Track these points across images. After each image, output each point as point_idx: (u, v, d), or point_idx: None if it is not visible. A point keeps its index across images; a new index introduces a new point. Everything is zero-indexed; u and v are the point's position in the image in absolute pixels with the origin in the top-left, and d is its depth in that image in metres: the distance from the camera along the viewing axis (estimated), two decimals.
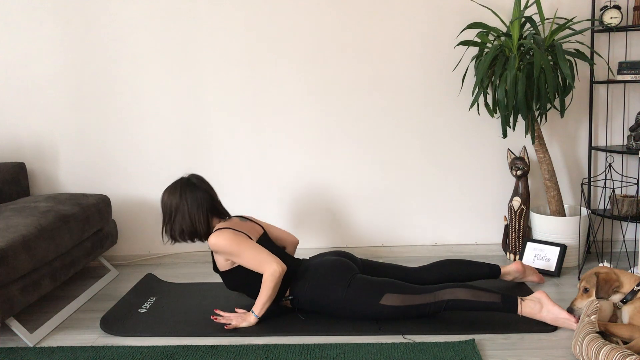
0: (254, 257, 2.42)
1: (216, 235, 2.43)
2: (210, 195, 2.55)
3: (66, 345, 2.38)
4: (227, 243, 2.41)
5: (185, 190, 2.50)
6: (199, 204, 2.49)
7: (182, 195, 2.49)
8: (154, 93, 3.30)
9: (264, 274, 2.42)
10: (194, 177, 2.57)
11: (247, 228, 2.56)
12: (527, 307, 2.35)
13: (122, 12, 3.23)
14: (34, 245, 2.40)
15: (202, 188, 2.53)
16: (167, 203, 2.51)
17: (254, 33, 3.23)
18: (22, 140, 3.36)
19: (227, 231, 2.44)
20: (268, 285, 2.41)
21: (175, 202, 2.49)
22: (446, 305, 2.37)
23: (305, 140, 3.32)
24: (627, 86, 3.20)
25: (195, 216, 2.49)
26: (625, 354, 1.85)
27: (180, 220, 2.49)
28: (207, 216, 2.51)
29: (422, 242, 3.40)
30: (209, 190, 2.55)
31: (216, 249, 2.44)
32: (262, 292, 2.43)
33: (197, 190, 2.51)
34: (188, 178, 2.56)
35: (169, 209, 2.51)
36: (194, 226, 2.49)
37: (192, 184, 2.53)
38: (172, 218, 2.50)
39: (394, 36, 3.21)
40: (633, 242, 3.30)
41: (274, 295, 2.45)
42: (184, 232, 2.50)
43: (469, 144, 3.29)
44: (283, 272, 2.42)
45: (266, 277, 2.41)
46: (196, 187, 2.52)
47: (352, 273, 2.48)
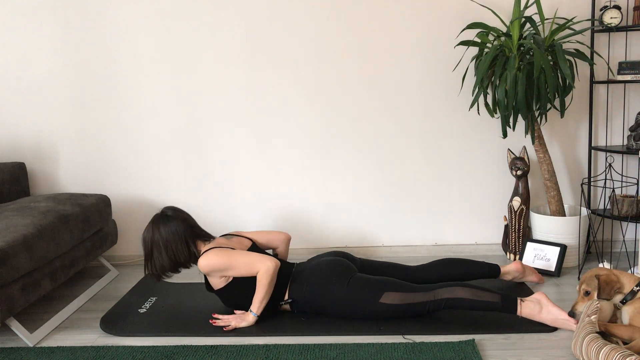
0: (245, 263, 2.43)
1: (204, 257, 2.44)
2: (187, 223, 2.54)
3: (66, 345, 2.38)
4: (216, 260, 2.42)
5: (159, 225, 2.51)
6: (174, 235, 2.50)
7: (155, 231, 2.51)
8: (154, 93, 3.30)
9: (258, 273, 2.42)
10: (168, 209, 2.58)
11: (233, 244, 2.58)
12: (526, 308, 2.35)
13: (122, 12, 3.23)
14: (34, 245, 2.40)
15: (178, 218, 2.53)
16: (144, 241, 2.53)
17: (254, 34, 3.23)
18: (22, 140, 3.36)
19: (213, 250, 2.46)
20: (263, 282, 2.41)
21: (150, 237, 2.51)
22: (445, 304, 2.37)
23: (305, 140, 3.32)
24: (627, 86, 3.20)
25: (172, 248, 2.50)
26: (625, 354, 1.85)
27: (159, 256, 2.50)
28: (186, 244, 2.52)
29: (422, 242, 3.40)
30: (185, 219, 2.55)
31: (208, 270, 2.44)
32: (258, 290, 2.43)
33: (170, 222, 2.51)
34: (161, 212, 2.57)
35: (146, 247, 2.53)
36: (173, 259, 2.50)
37: (166, 216, 2.53)
38: (151, 255, 2.52)
39: (394, 36, 3.21)
40: (633, 242, 3.30)
41: (270, 291, 2.45)
42: (165, 267, 2.51)
43: (469, 144, 3.29)
44: (277, 268, 2.43)
45: (260, 275, 2.41)
46: (170, 218, 2.52)
47: (351, 272, 2.49)
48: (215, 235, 3.41)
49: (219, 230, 3.41)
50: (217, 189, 3.37)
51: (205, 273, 2.48)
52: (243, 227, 3.40)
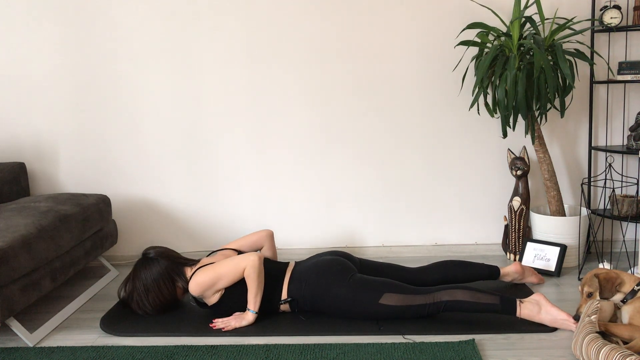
0: (230, 268, 2.45)
1: (192, 280, 2.47)
2: (168, 258, 2.58)
3: (66, 345, 2.38)
4: (204, 278, 2.44)
5: (136, 272, 2.57)
6: (154, 276, 2.54)
7: (134, 279, 2.56)
8: (154, 93, 3.30)
9: (244, 270, 2.44)
10: (148, 250, 2.61)
11: (217, 259, 2.61)
12: (525, 309, 2.35)
13: (122, 12, 3.23)
14: (34, 245, 2.40)
15: (154, 256, 2.57)
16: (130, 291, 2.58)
17: (253, 35, 3.23)
18: (22, 140, 3.36)
19: (198, 271, 2.49)
20: (252, 277, 2.43)
21: (130, 288, 2.58)
22: (445, 306, 2.37)
23: (305, 141, 3.32)
24: (627, 86, 3.20)
25: (154, 288, 2.54)
26: (625, 354, 1.85)
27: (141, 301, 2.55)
28: (169, 280, 2.56)
29: (422, 242, 3.40)
30: (166, 256, 2.58)
31: (201, 290, 2.46)
32: (250, 286, 2.44)
33: (151, 263, 2.56)
34: (142, 256, 2.61)
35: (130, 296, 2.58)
36: (157, 298, 2.55)
37: (146, 260, 2.58)
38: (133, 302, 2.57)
39: (394, 36, 3.21)
40: (633, 242, 3.30)
41: (262, 285, 2.46)
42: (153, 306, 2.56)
43: (469, 144, 3.29)
44: (261, 260, 2.45)
45: (247, 271, 2.43)
46: (150, 260, 2.57)
47: (351, 272, 2.49)
48: (197, 256, 3.41)
49: (219, 230, 3.41)
50: (216, 188, 3.37)
51: (199, 295, 2.49)
52: (243, 226, 3.40)
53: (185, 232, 3.43)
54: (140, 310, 2.58)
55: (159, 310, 2.59)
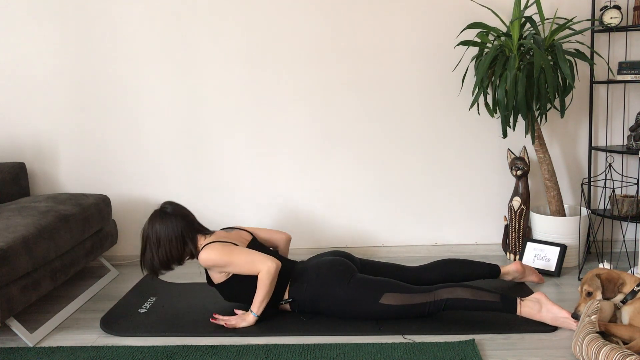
0: (246, 261, 2.42)
1: (205, 251, 2.43)
2: (184, 218, 2.53)
3: (66, 345, 2.38)
4: (217, 256, 2.41)
5: (153, 222, 2.51)
6: (168, 231, 2.49)
7: (150, 228, 2.51)
8: (153, 93, 3.30)
9: (259, 273, 2.42)
10: (167, 205, 2.57)
11: (234, 237, 2.56)
12: (526, 308, 2.35)
13: (122, 12, 3.23)
14: (34, 245, 2.40)
15: (175, 214, 2.52)
16: (141, 236, 2.54)
17: (253, 34, 3.23)
18: (22, 140, 3.36)
19: (214, 244, 2.45)
20: (264, 283, 2.41)
21: (146, 233, 2.52)
22: (445, 305, 2.37)
23: (305, 140, 3.32)
24: (627, 86, 3.20)
25: (165, 244, 2.49)
26: (625, 354, 1.85)
27: (150, 253, 2.50)
28: (181, 240, 2.50)
29: (422, 242, 3.40)
30: (182, 215, 2.54)
31: (208, 264, 2.44)
32: (259, 290, 2.43)
33: (167, 218, 2.51)
34: (160, 208, 2.57)
35: (142, 242, 2.54)
36: (164, 255, 2.50)
37: (163, 212, 2.53)
38: (144, 251, 2.52)
39: (394, 37, 3.21)
40: (633, 242, 3.30)
41: (271, 292, 2.45)
42: (155, 263, 2.51)
43: (469, 144, 3.29)
44: (278, 269, 2.43)
45: (262, 275, 2.41)
46: (167, 214, 2.52)
47: (352, 272, 2.49)
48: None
49: None
50: (216, 189, 3.37)
51: (205, 267, 2.48)
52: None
53: None
54: (147, 265, 2.52)
55: (163, 267, 2.52)
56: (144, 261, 2.53)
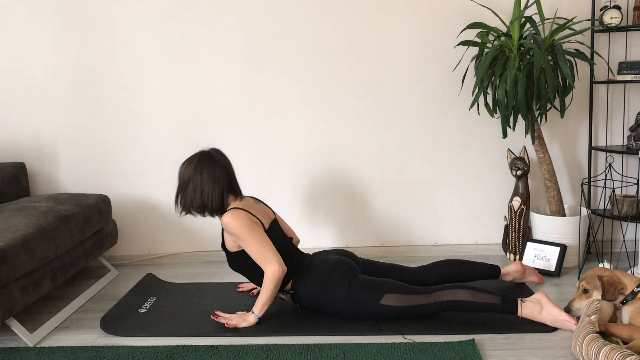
0: (259, 250, 2.41)
1: (231, 215, 2.41)
2: (228, 171, 2.51)
3: (66, 345, 2.38)
4: (239, 227, 2.39)
5: (203, 164, 2.46)
6: (214, 179, 2.45)
7: (197, 168, 2.45)
8: (154, 93, 3.30)
9: (264, 271, 2.42)
10: (214, 151, 2.53)
11: (260, 211, 2.54)
12: (527, 309, 2.35)
13: (122, 12, 3.22)
14: (34, 245, 2.40)
15: (221, 163, 2.49)
16: (182, 173, 2.48)
17: (254, 35, 3.23)
18: (22, 140, 3.36)
19: (243, 214, 2.42)
20: (268, 286, 2.41)
21: (190, 173, 2.45)
22: (446, 306, 2.37)
23: (305, 141, 3.32)
24: (627, 86, 3.20)
25: (208, 191, 2.44)
26: (625, 354, 1.85)
27: (192, 193, 2.45)
28: (222, 192, 2.47)
29: (422, 242, 3.40)
30: (227, 167, 2.51)
31: (228, 229, 2.42)
32: (262, 293, 2.43)
33: (215, 165, 2.46)
34: (208, 152, 2.52)
35: (183, 180, 2.48)
36: (205, 200, 2.45)
37: (212, 157, 2.48)
38: (184, 188, 2.47)
39: (394, 36, 3.21)
40: (633, 242, 3.30)
41: (274, 296, 2.45)
42: (193, 205, 2.47)
43: (469, 144, 3.29)
44: (283, 274, 2.42)
45: (266, 277, 2.41)
46: (215, 161, 2.47)
47: (354, 273, 2.49)
48: None
49: (219, 230, 3.41)
50: None
51: (225, 230, 2.46)
52: None
53: (185, 232, 3.43)
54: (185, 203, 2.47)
55: (198, 211, 2.47)
56: (183, 199, 2.47)
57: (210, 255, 3.45)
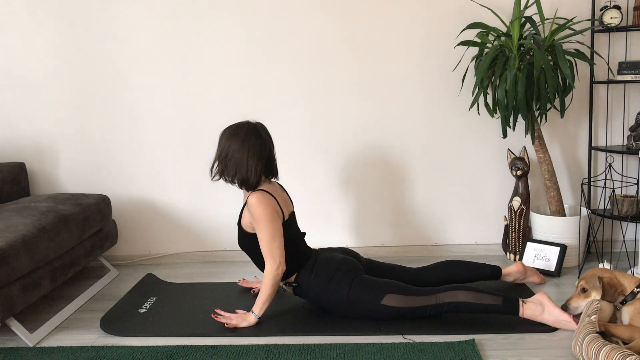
0: (268, 243, 2.40)
1: (258, 197, 2.39)
2: (271, 149, 2.49)
3: (66, 345, 2.38)
4: (263, 212, 2.38)
5: (250, 137, 2.41)
6: (259, 155, 2.42)
7: (244, 141, 2.40)
8: (154, 93, 3.30)
9: (265, 265, 2.42)
10: (260, 126, 2.49)
11: (284, 200, 2.53)
12: (528, 310, 2.35)
13: (122, 12, 3.22)
14: (34, 245, 2.40)
15: (267, 141, 2.47)
16: (226, 143, 2.43)
17: (254, 34, 3.22)
18: (22, 140, 3.36)
19: (270, 200, 2.41)
20: (267, 285, 2.41)
21: (236, 146, 2.40)
22: (447, 308, 2.37)
23: (305, 141, 3.32)
24: (627, 86, 3.20)
25: (252, 165, 2.40)
26: (625, 354, 1.85)
27: (237, 164, 2.40)
28: (262, 169, 2.44)
29: (422, 242, 3.40)
30: (270, 144, 2.49)
31: (251, 210, 2.40)
32: (262, 292, 2.43)
33: (261, 140, 2.43)
34: (255, 125, 2.47)
35: (226, 149, 2.42)
36: (248, 174, 2.41)
37: (258, 132, 2.45)
38: (227, 159, 2.42)
39: (394, 36, 3.21)
40: (633, 242, 3.30)
41: (273, 294, 2.45)
42: (235, 176, 2.42)
43: (469, 144, 3.29)
44: (281, 273, 2.43)
45: (266, 274, 2.42)
46: (261, 137, 2.44)
47: (358, 273, 2.49)
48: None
49: (218, 230, 3.41)
50: (216, 188, 3.37)
51: (248, 208, 2.43)
52: None
53: (185, 232, 3.43)
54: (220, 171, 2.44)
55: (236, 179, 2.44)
56: (225, 167, 2.43)
57: (210, 255, 3.45)
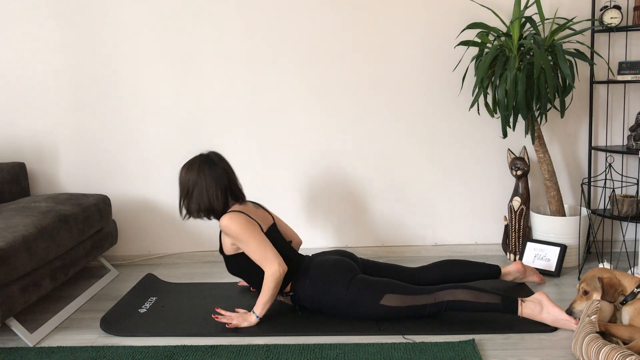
0: (258, 250, 2.41)
1: (229, 217, 2.42)
2: (228, 174, 2.52)
3: (66, 345, 2.38)
4: (238, 228, 2.40)
5: (204, 167, 2.47)
6: (216, 182, 2.46)
7: (200, 172, 2.46)
8: (154, 93, 3.30)
9: (265, 271, 2.42)
10: (213, 155, 2.54)
11: (259, 216, 2.55)
12: (527, 308, 2.35)
13: (122, 12, 3.22)
14: (34, 245, 2.40)
15: (221, 166, 2.50)
16: (185, 178, 2.49)
17: (254, 33, 3.23)
18: (22, 140, 3.36)
19: (241, 216, 2.43)
20: (269, 286, 2.41)
21: (193, 178, 2.46)
22: (446, 306, 2.37)
23: (305, 141, 3.32)
24: (627, 86, 3.20)
25: (212, 193, 2.45)
26: (625, 354, 1.85)
27: (198, 197, 2.46)
28: (225, 194, 2.48)
29: (422, 242, 3.40)
30: (227, 169, 2.52)
31: (226, 231, 2.43)
32: (263, 292, 2.43)
33: (215, 168, 2.48)
34: (207, 154, 2.53)
35: (187, 184, 2.48)
36: (211, 203, 2.46)
37: (211, 160, 2.50)
38: (189, 194, 2.47)
39: (394, 36, 3.21)
40: (633, 242, 3.30)
41: (275, 295, 2.45)
42: (200, 209, 2.48)
43: (469, 144, 3.29)
44: (284, 273, 2.42)
45: (267, 276, 2.41)
46: (215, 164, 2.49)
47: (354, 273, 2.48)
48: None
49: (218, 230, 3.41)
50: None
51: (223, 232, 2.47)
52: None
53: (185, 232, 3.43)
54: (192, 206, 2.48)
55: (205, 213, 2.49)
56: (189, 203, 2.48)
57: (210, 255, 3.45)
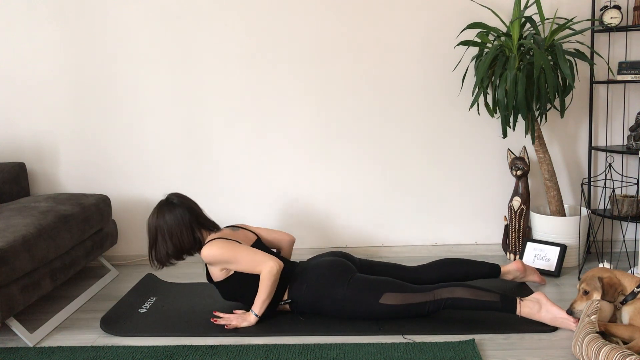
0: (249, 260, 2.43)
1: (208, 246, 2.43)
2: (191, 210, 2.53)
3: (66, 345, 2.38)
4: (220, 252, 2.41)
5: (164, 211, 2.50)
6: (178, 222, 2.49)
7: (159, 217, 2.50)
8: (154, 93, 3.30)
9: (261, 272, 2.42)
10: (173, 196, 2.57)
11: (239, 237, 2.57)
12: (526, 307, 2.35)
13: (122, 12, 3.23)
14: (34, 245, 2.40)
15: (182, 205, 2.52)
16: (149, 228, 2.53)
17: (254, 33, 3.23)
18: (22, 140, 3.36)
19: (218, 240, 2.45)
20: (266, 283, 2.41)
21: (154, 224, 2.50)
22: (445, 304, 2.37)
23: (305, 141, 3.32)
24: (627, 86, 3.20)
25: (177, 234, 2.48)
26: (625, 354, 1.85)
27: (163, 242, 2.49)
28: (190, 231, 2.50)
29: (422, 242, 3.40)
30: (189, 207, 2.54)
31: (210, 260, 2.44)
32: (261, 290, 2.43)
33: (175, 209, 2.50)
34: (166, 198, 2.56)
35: (151, 233, 2.52)
36: (177, 244, 2.49)
37: (170, 203, 2.53)
38: (155, 241, 2.51)
39: (394, 36, 3.21)
40: (633, 242, 3.30)
41: (273, 292, 2.45)
42: (169, 254, 2.50)
43: (469, 144, 3.29)
44: (280, 269, 2.43)
45: (263, 275, 2.41)
46: (174, 205, 2.51)
47: (351, 273, 2.48)
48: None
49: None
50: (217, 188, 3.37)
51: (207, 263, 2.47)
52: None
53: None
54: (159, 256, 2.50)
55: (175, 257, 2.51)
56: (156, 252, 2.51)
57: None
